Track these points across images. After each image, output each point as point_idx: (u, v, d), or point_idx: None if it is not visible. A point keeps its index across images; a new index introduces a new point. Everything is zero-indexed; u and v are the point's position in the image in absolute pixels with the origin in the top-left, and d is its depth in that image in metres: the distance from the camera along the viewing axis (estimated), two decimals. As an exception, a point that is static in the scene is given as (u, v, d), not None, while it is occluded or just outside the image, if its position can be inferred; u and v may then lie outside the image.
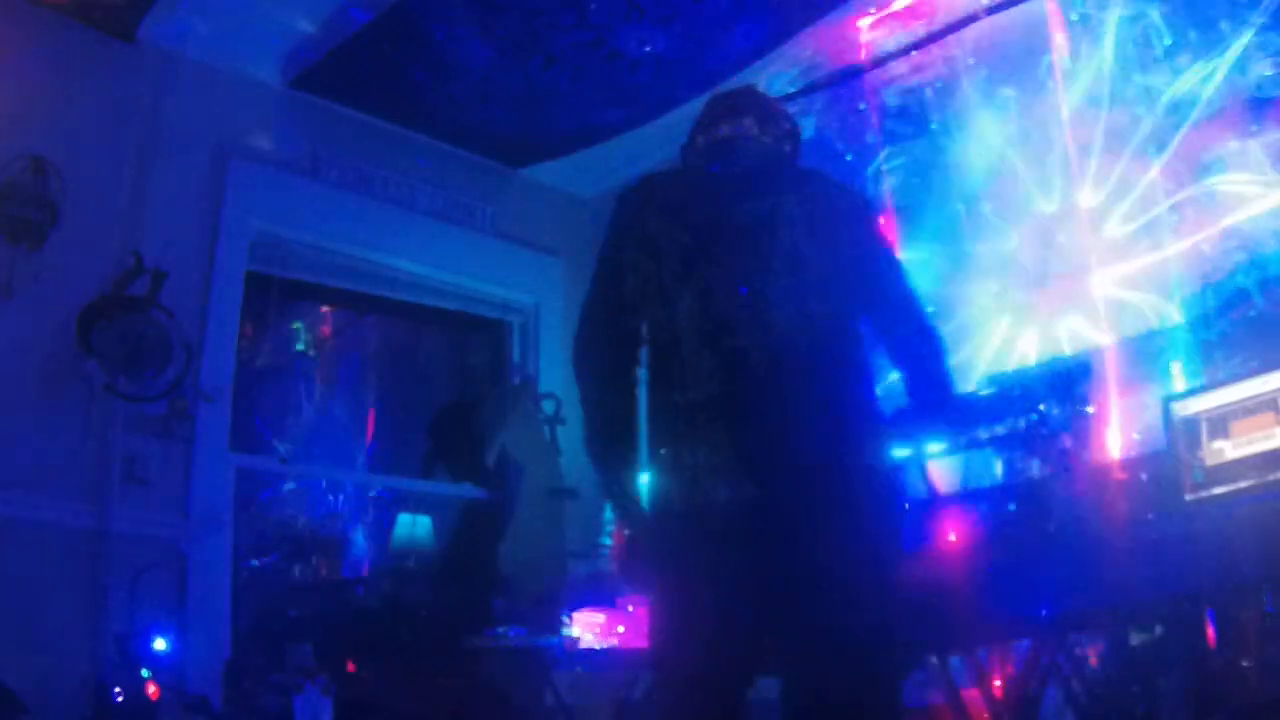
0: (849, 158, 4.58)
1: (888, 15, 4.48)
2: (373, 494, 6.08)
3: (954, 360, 4.04)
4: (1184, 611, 2.70)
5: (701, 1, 4.02)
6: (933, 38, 4.36)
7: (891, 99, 4.48)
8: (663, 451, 2.24)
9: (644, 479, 2.33)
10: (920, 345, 2.42)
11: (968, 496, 3.31)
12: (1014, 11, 4.11)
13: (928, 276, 4.21)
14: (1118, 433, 3.39)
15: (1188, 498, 2.79)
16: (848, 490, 2.17)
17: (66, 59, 4.05)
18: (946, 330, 4.07)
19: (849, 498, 2.17)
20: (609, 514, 4.67)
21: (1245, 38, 3.50)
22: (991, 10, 4.15)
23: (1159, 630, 2.84)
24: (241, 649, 3.99)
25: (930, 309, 2.51)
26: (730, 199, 2.32)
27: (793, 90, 4.78)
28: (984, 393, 3.59)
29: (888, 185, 4.43)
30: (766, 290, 2.22)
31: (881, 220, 2.49)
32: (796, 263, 2.24)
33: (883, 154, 4.47)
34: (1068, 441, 3.15)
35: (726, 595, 2.15)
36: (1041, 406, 3.24)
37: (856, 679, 2.09)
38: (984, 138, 4.17)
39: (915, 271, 2.50)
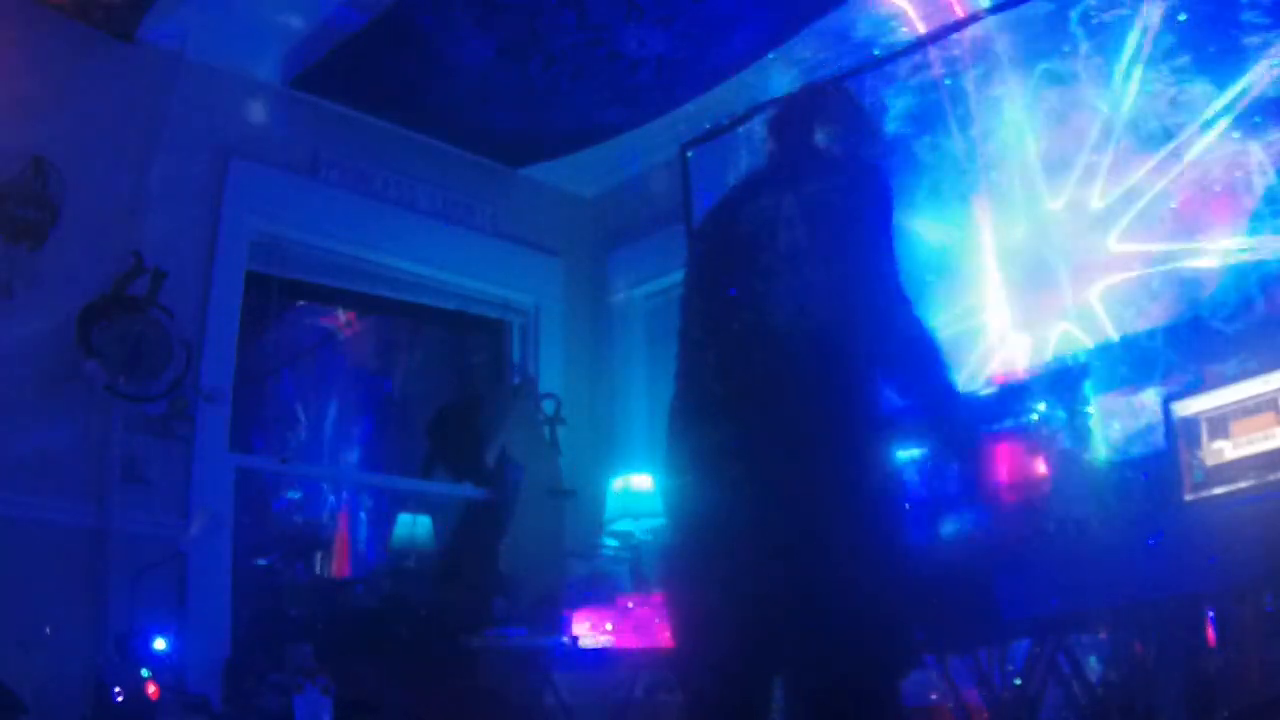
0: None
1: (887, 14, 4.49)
2: (373, 493, 6.09)
3: (954, 361, 4.10)
4: (1184, 611, 2.69)
5: (701, 1, 4.02)
6: (934, 36, 4.36)
7: (892, 97, 4.48)
8: (682, 447, 2.32)
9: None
10: (909, 354, 2.31)
11: (968, 496, 3.30)
12: (1017, 10, 4.11)
13: (928, 276, 4.21)
14: (1117, 433, 3.39)
15: (1188, 498, 2.79)
16: (855, 491, 2.19)
17: (66, 59, 4.05)
18: (946, 330, 4.12)
19: (856, 499, 2.19)
20: (609, 513, 4.67)
21: (1249, 39, 3.50)
22: (994, 9, 4.15)
23: (1159, 630, 2.84)
24: (241, 649, 3.99)
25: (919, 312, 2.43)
26: (747, 202, 2.42)
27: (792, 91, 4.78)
28: (984, 392, 3.58)
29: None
30: (766, 291, 2.25)
31: (886, 213, 2.37)
32: (792, 263, 2.26)
33: (883, 152, 4.47)
34: (1068, 441, 3.14)
35: (742, 589, 2.18)
36: (1041, 406, 3.24)
37: (856, 676, 2.12)
38: (986, 137, 4.17)
39: (917, 271, 2.48)
